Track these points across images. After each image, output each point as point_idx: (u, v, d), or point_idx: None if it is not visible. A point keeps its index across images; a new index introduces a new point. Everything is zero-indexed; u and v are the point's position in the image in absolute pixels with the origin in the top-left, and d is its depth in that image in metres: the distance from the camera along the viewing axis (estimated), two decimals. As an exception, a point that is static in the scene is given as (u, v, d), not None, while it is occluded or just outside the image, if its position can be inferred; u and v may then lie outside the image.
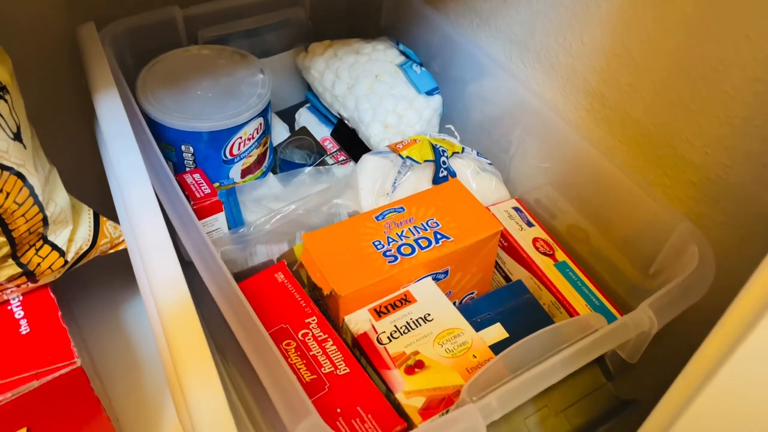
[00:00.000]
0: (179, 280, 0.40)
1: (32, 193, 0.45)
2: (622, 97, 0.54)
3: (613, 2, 0.51)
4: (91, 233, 0.52)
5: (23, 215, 0.45)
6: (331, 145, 0.71)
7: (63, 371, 0.46)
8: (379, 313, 0.50)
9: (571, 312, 0.55)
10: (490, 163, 0.66)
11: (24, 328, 0.48)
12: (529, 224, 0.61)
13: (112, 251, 0.56)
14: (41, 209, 0.46)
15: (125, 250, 0.55)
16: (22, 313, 0.49)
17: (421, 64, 0.70)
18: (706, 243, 0.46)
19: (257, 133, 0.61)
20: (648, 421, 0.28)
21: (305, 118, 0.74)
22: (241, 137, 0.59)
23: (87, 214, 0.53)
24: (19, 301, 0.50)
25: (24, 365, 0.46)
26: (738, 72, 0.45)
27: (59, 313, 0.50)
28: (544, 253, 0.59)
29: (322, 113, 0.74)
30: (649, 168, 0.54)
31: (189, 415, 0.36)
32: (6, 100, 0.42)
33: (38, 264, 0.48)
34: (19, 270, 0.47)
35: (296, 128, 0.74)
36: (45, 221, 0.47)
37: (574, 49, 0.57)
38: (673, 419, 0.26)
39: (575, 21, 0.56)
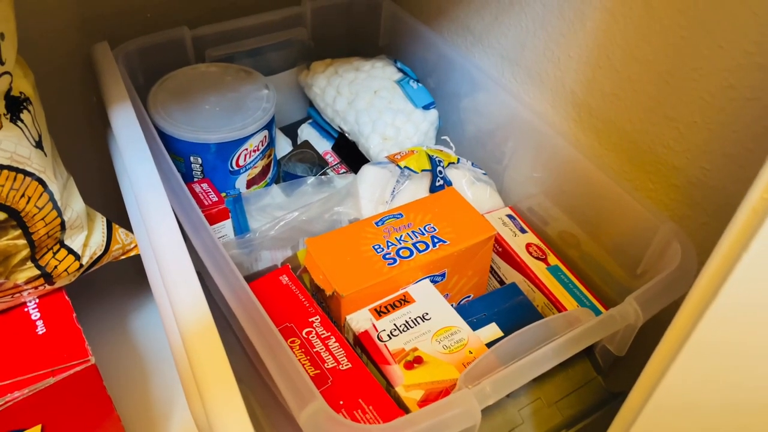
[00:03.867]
0: (194, 282, 0.43)
1: (51, 199, 0.48)
2: (608, 106, 0.57)
3: (597, 19, 0.55)
4: (105, 239, 0.55)
5: (43, 219, 0.47)
6: (332, 159, 0.74)
7: (77, 369, 0.48)
8: (379, 312, 0.52)
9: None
10: (484, 173, 0.69)
11: (40, 329, 0.51)
12: (523, 231, 0.64)
13: (123, 257, 0.58)
14: (59, 214, 0.49)
15: (129, 258, 0.58)
16: (39, 314, 0.52)
17: (417, 80, 0.73)
18: (688, 241, 0.49)
19: (262, 145, 0.64)
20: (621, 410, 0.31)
21: (307, 132, 0.77)
22: (246, 149, 0.62)
23: (100, 221, 0.56)
24: (35, 303, 0.52)
25: (40, 363, 0.48)
26: (713, 80, 0.48)
27: (74, 314, 0.52)
28: (537, 258, 0.61)
29: (324, 128, 0.77)
30: (634, 173, 0.57)
31: (206, 413, 0.38)
32: (29, 111, 0.45)
33: (55, 267, 0.50)
34: (38, 272, 0.49)
35: (299, 143, 0.78)
36: (63, 226, 0.50)
37: (562, 63, 0.60)
38: (640, 408, 0.29)
39: (562, 37, 0.59)
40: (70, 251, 0.51)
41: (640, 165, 0.56)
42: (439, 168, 0.65)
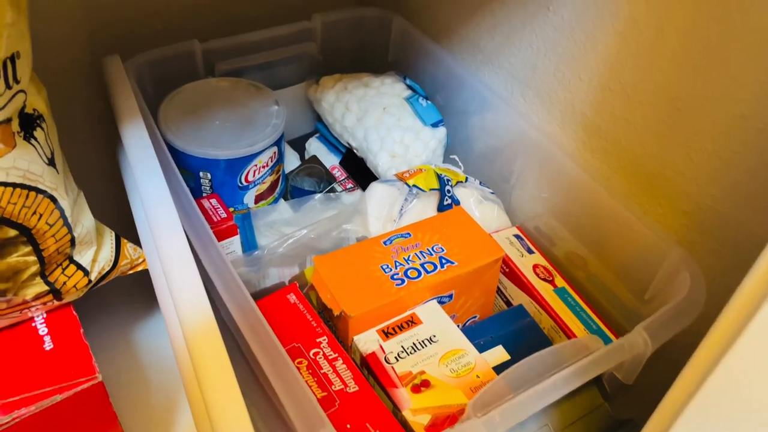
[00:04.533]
0: (203, 297, 0.43)
1: (62, 216, 0.48)
2: (617, 130, 0.57)
3: (609, 43, 0.55)
4: (113, 254, 0.55)
5: (53, 236, 0.47)
6: (339, 173, 0.74)
7: (84, 386, 0.49)
8: (386, 333, 0.52)
9: (570, 336, 0.57)
10: (492, 192, 0.69)
11: (48, 344, 0.51)
12: (530, 251, 0.64)
13: (131, 272, 0.58)
14: (70, 230, 0.49)
15: (137, 272, 0.58)
16: (46, 329, 0.52)
17: (426, 97, 0.73)
18: (697, 269, 0.49)
19: (271, 161, 0.64)
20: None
21: (315, 147, 0.77)
22: (256, 165, 0.62)
23: (109, 236, 0.56)
24: (43, 318, 0.52)
25: (47, 380, 0.48)
26: (725, 108, 0.48)
27: (81, 330, 0.52)
28: (544, 279, 0.61)
29: (331, 143, 0.77)
30: (643, 197, 0.57)
31: (212, 429, 0.38)
32: (42, 128, 0.46)
33: (64, 283, 0.50)
34: (47, 288, 0.49)
35: (306, 157, 0.78)
36: (72, 242, 0.50)
37: (572, 85, 0.60)
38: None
39: (573, 60, 0.59)
40: (79, 267, 0.51)
41: (649, 189, 0.56)
42: (447, 187, 0.65)
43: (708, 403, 0.26)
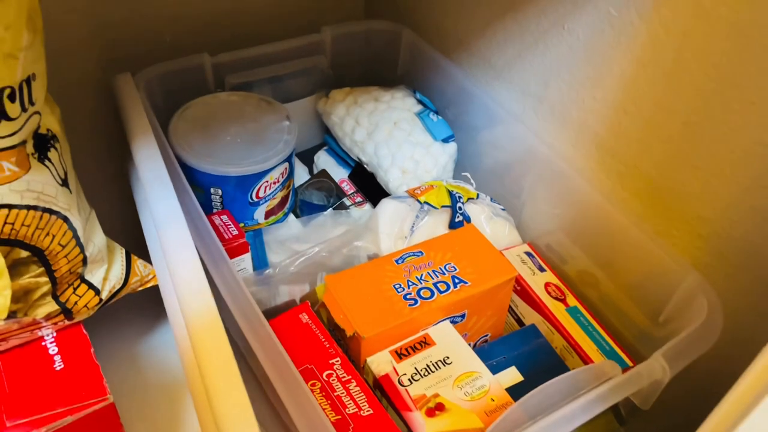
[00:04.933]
0: (214, 315, 0.42)
1: (75, 236, 0.47)
2: (632, 152, 0.57)
3: (625, 66, 0.55)
4: (124, 272, 0.55)
5: (66, 256, 0.47)
6: (348, 187, 0.74)
7: (96, 407, 0.48)
8: (399, 355, 0.51)
9: (583, 356, 0.57)
10: (503, 209, 0.69)
11: (58, 364, 0.50)
12: (541, 269, 0.63)
13: (141, 288, 0.58)
14: (82, 250, 0.48)
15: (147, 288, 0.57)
16: (57, 349, 0.51)
17: (437, 112, 0.73)
18: (714, 295, 0.49)
19: (282, 177, 0.64)
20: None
21: (324, 160, 0.77)
22: (267, 181, 0.62)
23: (120, 254, 0.55)
24: (53, 337, 0.52)
25: (58, 401, 0.48)
26: (744, 134, 0.47)
27: (91, 350, 0.52)
28: (556, 298, 0.61)
29: (340, 156, 0.77)
30: (657, 220, 0.57)
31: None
32: (56, 148, 0.45)
33: (75, 302, 0.50)
34: (58, 308, 0.49)
35: (315, 169, 0.77)
36: (84, 261, 0.49)
37: (586, 105, 0.60)
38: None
39: (587, 80, 0.59)
40: (91, 286, 0.51)
41: (664, 212, 0.56)
42: (459, 204, 0.65)
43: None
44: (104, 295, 0.52)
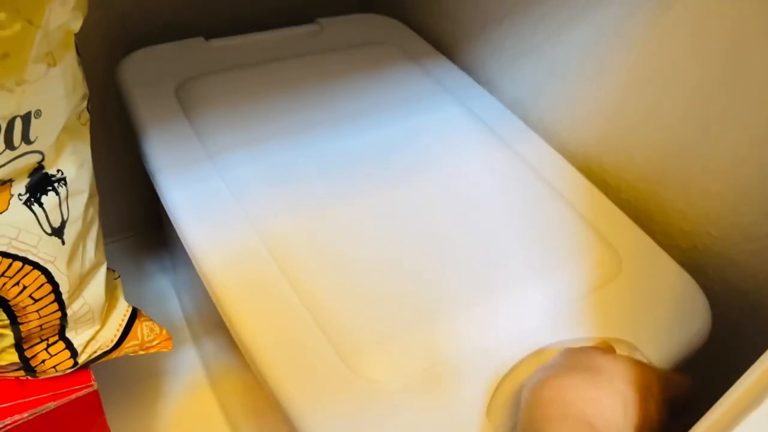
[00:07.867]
0: None
1: (55, 291, 0.42)
2: (619, 162, 0.56)
3: (617, 78, 0.53)
4: (118, 335, 0.49)
5: (37, 311, 0.41)
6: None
7: (79, 394, 0.46)
8: None
9: None
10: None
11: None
12: None
13: (141, 353, 0.52)
14: (61, 308, 0.43)
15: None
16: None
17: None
18: (704, 299, 0.47)
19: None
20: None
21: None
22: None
23: (122, 314, 0.49)
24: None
25: (42, 386, 0.45)
26: (728, 152, 0.46)
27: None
28: None
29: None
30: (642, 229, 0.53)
31: None
32: (58, 193, 0.40)
33: (43, 361, 0.44)
34: (19, 362, 0.43)
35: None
36: (64, 319, 0.44)
37: (577, 115, 0.58)
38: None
39: (579, 90, 0.57)
40: (69, 346, 0.45)
41: (648, 225, 0.53)
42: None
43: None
44: (81, 359, 0.46)
